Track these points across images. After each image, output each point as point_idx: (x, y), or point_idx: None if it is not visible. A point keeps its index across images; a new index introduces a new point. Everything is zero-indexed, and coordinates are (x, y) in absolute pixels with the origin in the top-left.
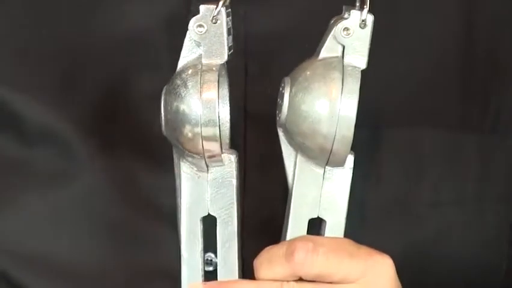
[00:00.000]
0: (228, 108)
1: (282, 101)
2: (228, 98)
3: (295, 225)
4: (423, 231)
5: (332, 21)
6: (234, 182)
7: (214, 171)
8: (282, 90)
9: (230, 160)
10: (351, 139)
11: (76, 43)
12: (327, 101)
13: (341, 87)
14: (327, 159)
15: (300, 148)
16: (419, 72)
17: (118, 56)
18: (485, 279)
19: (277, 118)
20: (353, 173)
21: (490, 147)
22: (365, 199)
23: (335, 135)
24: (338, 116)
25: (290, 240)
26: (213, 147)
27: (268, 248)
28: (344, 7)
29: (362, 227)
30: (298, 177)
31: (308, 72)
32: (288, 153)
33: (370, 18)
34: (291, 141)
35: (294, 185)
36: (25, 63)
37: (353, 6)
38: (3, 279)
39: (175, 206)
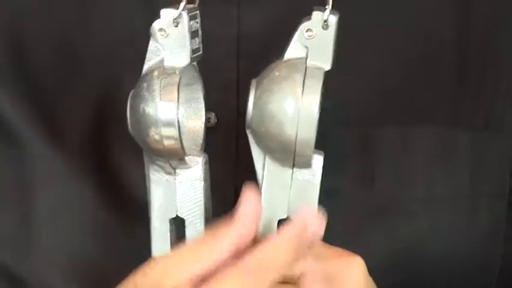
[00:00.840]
0: (203, 109)
1: (248, 102)
2: (202, 99)
3: (265, 227)
4: (417, 228)
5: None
6: (202, 184)
7: (182, 173)
8: (249, 91)
9: (196, 162)
10: (314, 140)
11: (70, 44)
12: (288, 103)
13: (301, 88)
14: (293, 160)
15: (267, 150)
16: (410, 69)
17: (111, 57)
18: (479, 277)
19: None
20: (324, 172)
21: (483, 144)
22: (356, 197)
23: (297, 136)
24: (298, 117)
25: None
26: (174, 149)
27: None
28: (314, 7)
29: (355, 225)
30: (267, 178)
31: (272, 74)
32: (257, 155)
33: (333, 19)
34: (259, 143)
35: (263, 187)
36: (14, 68)
37: (323, 7)
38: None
39: None
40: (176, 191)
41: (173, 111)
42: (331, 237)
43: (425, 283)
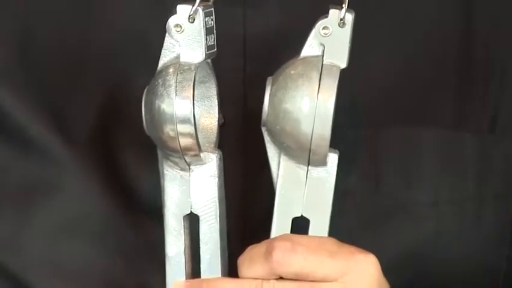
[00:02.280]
0: (216, 107)
1: (264, 100)
2: (215, 97)
3: (280, 225)
4: (422, 231)
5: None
6: (216, 180)
7: (196, 170)
8: (265, 89)
9: (211, 159)
10: (329, 137)
11: (75, 43)
12: (303, 100)
13: (317, 86)
14: (308, 158)
15: (282, 147)
16: (417, 71)
17: (117, 56)
18: (484, 279)
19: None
20: (339, 172)
21: (488, 147)
22: (363, 199)
23: (312, 133)
24: (314, 114)
25: (270, 239)
26: (189, 145)
27: (251, 246)
28: (330, 6)
29: (361, 227)
30: (282, 176)
31: (288, 72)
32: (272, 153)
33: (349, 17)
34: (274, 140)
35: (278, 185)
36: (21, 64)
37: (339, 6)
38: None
39: None
40: (191, 188)
41: (189, 107)
42: (338, 237)
43: (431, 284)
